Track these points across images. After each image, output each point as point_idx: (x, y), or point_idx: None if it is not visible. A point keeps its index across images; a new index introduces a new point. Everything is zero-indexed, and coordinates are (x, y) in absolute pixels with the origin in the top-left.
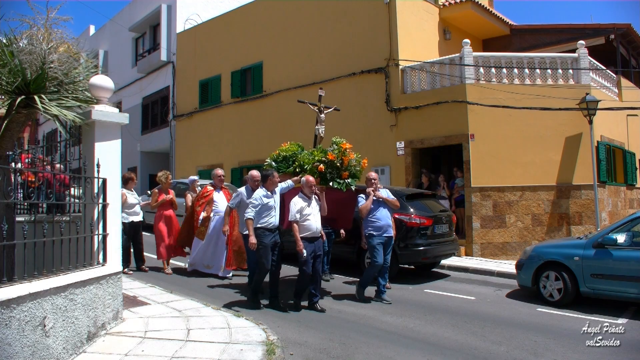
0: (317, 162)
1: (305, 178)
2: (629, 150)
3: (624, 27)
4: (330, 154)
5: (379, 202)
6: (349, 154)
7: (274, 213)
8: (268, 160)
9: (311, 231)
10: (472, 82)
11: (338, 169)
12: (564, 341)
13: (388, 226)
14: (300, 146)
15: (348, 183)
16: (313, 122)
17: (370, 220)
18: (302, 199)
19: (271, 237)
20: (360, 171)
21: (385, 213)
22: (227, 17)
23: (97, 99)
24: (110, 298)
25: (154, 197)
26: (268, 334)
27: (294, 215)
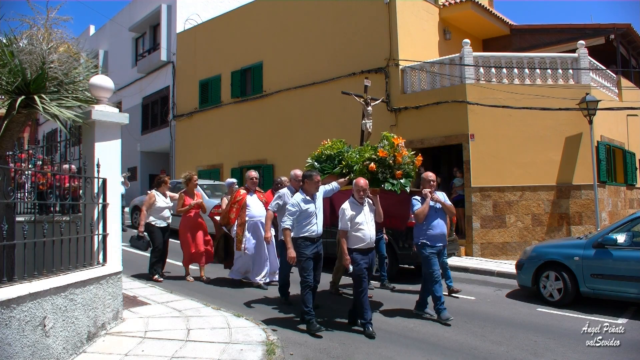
0: (367, 160)
1: (356, 181)
2: (629, 150)
3: (624, 27)
4: (381, 150)
5: (435, 207)
6: (402, 149)
7: (315, 220)
8: (309, 160)
9: (365, 242)
10: (472, 82)
11: (391, 168)
12: (564, 341)
13: (443, 235)
14: (345, 143)
15: (402, 184)
16: (312, 123)
17: (423, 227)
18: (352, 205)
19: (313, 248)
20: (414, 169)
21: (442, 220)
22: (227, 17)
23: (97, 99)
24: (110, 298)
25: (179, 202)
26: (268, 334)
27: (344, 225)
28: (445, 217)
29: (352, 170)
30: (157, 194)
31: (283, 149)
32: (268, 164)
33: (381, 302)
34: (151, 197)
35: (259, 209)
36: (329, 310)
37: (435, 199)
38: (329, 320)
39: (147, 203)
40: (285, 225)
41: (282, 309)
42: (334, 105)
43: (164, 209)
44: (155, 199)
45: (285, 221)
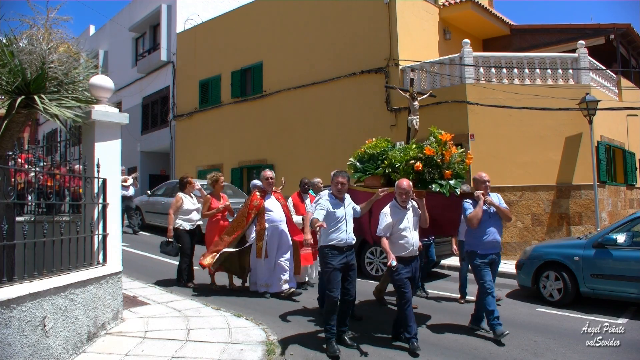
0: (412, 159)
1: (398, 182)
2: (628, 150)
3: (624, 27)
4: (428, 148)
5: (489, 212)
6: (451, 147)
7: (344, 227)
8: (351, 160)
9: (407, 250)
10: (472, 82)
11: (439, 167)
12: (564, 341)
13: (497, 242)
14: (390, 142)
15: (452, 185)
16: (312, 123)
17: (475, 233)
18: (394, 209)
19: (341, 258)
20: (465, 169)
21: (496, 226)
22: (227, 17)
23: (97, 99)
24: (110, 298)
25: (205, 205)
26: (268, 334)
27: (383, 231)
28: (500, 223)
29: (396, 170)
30: (184, 196)
31: (283, 149)
32: (268, 163)
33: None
34: (178, 200)
35: (279, 213)
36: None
37: (489, 202)
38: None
39: (174, 206)
40: (316, 215)
41: (283, 309)
42: (334, 105)
43: (191, 212)
44: (182, 201)
45: (315, 213)
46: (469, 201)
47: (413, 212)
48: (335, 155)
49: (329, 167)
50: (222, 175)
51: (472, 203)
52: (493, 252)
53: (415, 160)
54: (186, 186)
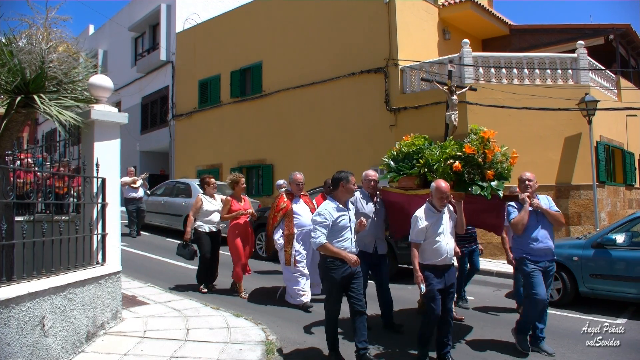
0: (450, 158)
1: (436, 184)
2: (628, 151)
3: (623, 27)
4: (468, 146)
5: (536, 215)
6: (493, 145)
7: (348, 235)
8: (385, 159)
9: (441, 257)
10: (472, 82)
11: (480, 167)
12: (563, 341)
13: (549, 249)
14: (428, 140)
15: (494, 187)
16: (312, 123)
17: (523, 239)
18: (428, 212)
19: (343, 270)
20: (509, 170)
21: (546, 230)
22: (227, 17)
23: (96, 99)
24: (109, 298)
25: (225, 207)
26: (267, 333)
27: (416, 236)
28: (550, 228)
29: (433, 170)
30: (204, 196)
31: (283, 149)
32: (267, 163)
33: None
34: (197, 201)
35: (308, 218)
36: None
37: (535, 205)
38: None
39: (194, 208)
40: (321, 241)
41: (282, 309)
42: (334, 105)
43: (211, 213)
44: (202, 202)
45: (317, 236)
46: (513, 204)
47: (449, 216)
48: (334, 155)
49: (328, 167)
50: (243, 177)
51: (517, 207)
52: (546, 260)
53: (454, 160)
54: (205, 187)
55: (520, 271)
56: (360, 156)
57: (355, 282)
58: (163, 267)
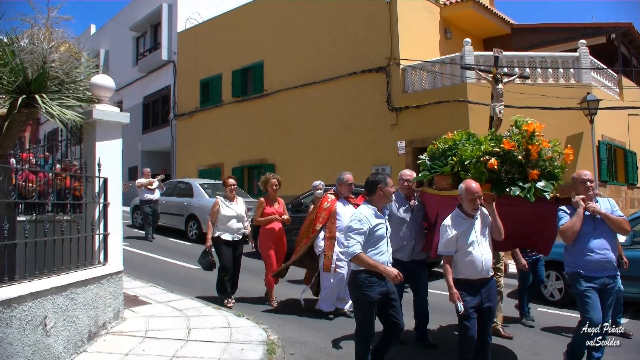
0: (485, 155)
1: (465, 185)
2: (630, 150)
3: (625, 26)
4: (507, 141)
5: (594, 221)
6: (540, 139)
7: (385, 247)
8: (422, 158)
9: (476, 270)
10: (473, 81)
11: (521, 166)
12: (564, 341)
13: (609, 262)
14: (471, 134)
15: (541, 188)
16: (313, 122)
17: (576, 250)
18: (457, 219)
19: (381, 287)
20: (561, 169)
21: (604, 240)
22: (228, 17)
23: (98, 99)
24: (111, 298)
25: (258, 210)
26: (269, 333)
27: (444, 248)
28: (612, 236)
29: (465, 169)
30: (222, 200)
31: (284, 149)
32: (269, 163)
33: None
34: (214, 206)
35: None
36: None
37: (592, 209)
38: None
39: (212, 213)
40: (355, 251)
41: (284, 310)
42: (335, 105)
43: (230, 219)
44: (219, 207)
45: (351, 245)
46: (565, 209)
47: (482, 222)
48: (335, 154)
49: (330, 167)
50: (276, 177)
51: (569, 211)
52: (604, 275)
53: (490, 156)
54: (225, 188)
55: (572, 289)
56: (362, 156)
57: (394, 302)
58: (165, 267)
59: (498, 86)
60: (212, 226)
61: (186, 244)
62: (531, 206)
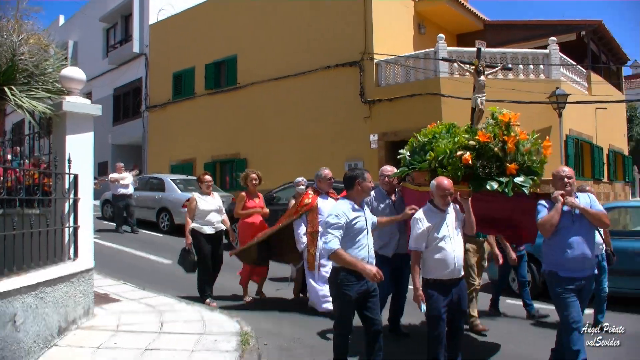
0: (461, 149)
1: (436, 181)
2: (596, 145)
3: (595, 23)
4: (482, 133)
5: (573, 216)
6: (518, 131)
7: (365, 240)
8: (402, 152)
9: (447, 268)
10: (447, 75)
11: (499, 160)
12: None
13: (587, 259)
14: (453, 126)
15: (519, 183)
16: (287, 117)
17: (555, 244)
18: (429, 213)
19: (360, 286)
20: (541, 163)
21: (583, 235)
22: (201, 9)
23: (68, 91)
24: (81, 296)
25: (239, 203)
26: (242, 325)
27: (415, 242)
28: (591, 232)
29: (441, 164)
30: (199, 196)
31: (257, 143)
32: (241, 157)
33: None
34: (192, 202)
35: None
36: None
37: (570, 203)
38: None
39: (189, 210)
40: (333, 247)
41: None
42: (309, 99)
43: (209, 212)
44: (197, 202)
45: (329, 241)
46: (544, 203)
47: (455, 216)
48: (309, 148)
49: (303, 161)
50: (256, 173)
51: (548, 205)
52: (582, 276)
53: (465, 150)
54: (200, 185)
55: (550, 289)
56: (335, 149)
57: (372, 300)
58: (137, 261)
59: (480, 78)
60: (190, 222)
61: (157, 235)
62: (511, 201)
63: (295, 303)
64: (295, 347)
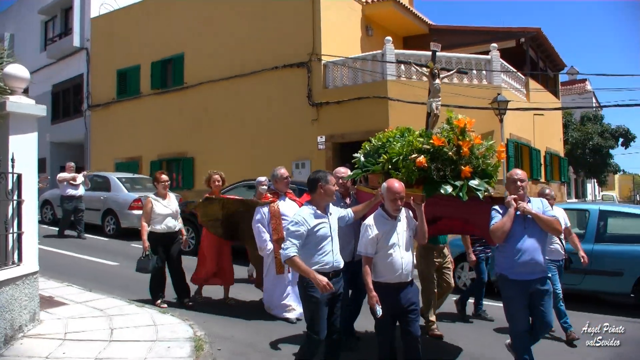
0: (415, 152)
1: (387, 184)
2: (534, 147)
3: (533, 31)
4: (437, 137)
5: (525, 221)
6: (472, 136)
7: (329, 246)
8: (356, 155)
9: (395, 273)
10: (393, 78)
11: (453, 163)
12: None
13: (536, 264)
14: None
15: (474, 186)
16: (235, 116)
17: (506, 250)
18: (381, 219)
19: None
20: (495, 167)
21: (534, 240)
22: (146, 5)
23: (11, 89)
24: (27, 299)
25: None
26: (195, 329)
27: (364, 248)
28: (542, 238)
29: (397, 168)
30: (155, 198)
31: (204, 142)
32: (188, 157)
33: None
34: (147, 204)
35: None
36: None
37: (522, 209)
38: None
39: (145, 214)
40: (289, 254)
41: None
42: (257, 99)
43: (166, 217)
44: (152, 204)
45: (287, 247)
46: (497, 208)
47: (406, 224)
48: (256, 149)
49: (250, 161)
50: (219, 173)
51: (502, 211)
52: (532, 279)
53: (419, 154)
54: (155, 185)
55: (500, 291)
56: (283, 149)
57: (337, 303)
58: (80, 264)
59: (435, 81)
60: (146, 226)
61: (102, 239)
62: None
63: (249, 306)
64: (249, 352)
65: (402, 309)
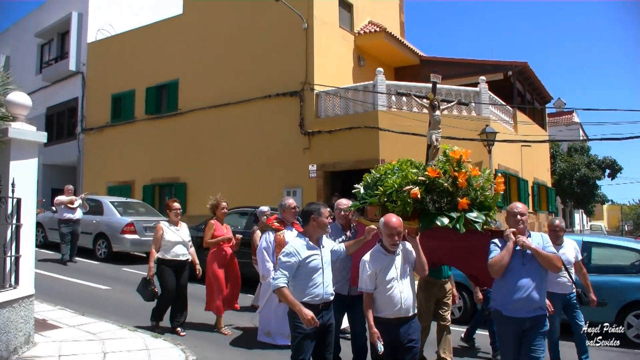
0: (410, 184)
1: (384, 219)
2: (522, 178)
3: (520, 64)
4: (432, 169)
5: (524, 257)
6: (469, 167)
7: (320, 278)
8: (357, 186)
9: (394, 308)
10: (384, 109)
11: (450, 194)
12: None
13: (533, 301)
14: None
15: (472, 219)
16: (227, 143)
17: (503, 285)
18: (377, 255)
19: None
20: (495, 198)
21: (532, 277)
22: (142, 32)
23: (13, 116)
24: (22, 322)
25: (208, 232)
26: (187, 354)
27: (366, 284)
28: (540, 274)
29: (391, 200)
30: (166, 224)
31: (197, 168)
32: (181, 182)
33: None
34: (158, 231)
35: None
36: None
37: (521, 243)
38: None
39: (155, 240)
40: (278, 285)
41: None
42: (249, 127)
43: (175, 244)
44: (163, 231)
45: (277, 278)
46: (497, 242)
47: (403, 258)
48: (248, 176)
49: (242, 188)
50: (225, 201)
51: (501, 245)
52: (526, 317)
53: (413, 185)
54: (167, 212)
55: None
56: (274, 178)
57: (329, 336)
58: (73, 288)
59: (435, 113)
60: (154, 253)
61: (94, 263)
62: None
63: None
64: None
65: (401, 345)
